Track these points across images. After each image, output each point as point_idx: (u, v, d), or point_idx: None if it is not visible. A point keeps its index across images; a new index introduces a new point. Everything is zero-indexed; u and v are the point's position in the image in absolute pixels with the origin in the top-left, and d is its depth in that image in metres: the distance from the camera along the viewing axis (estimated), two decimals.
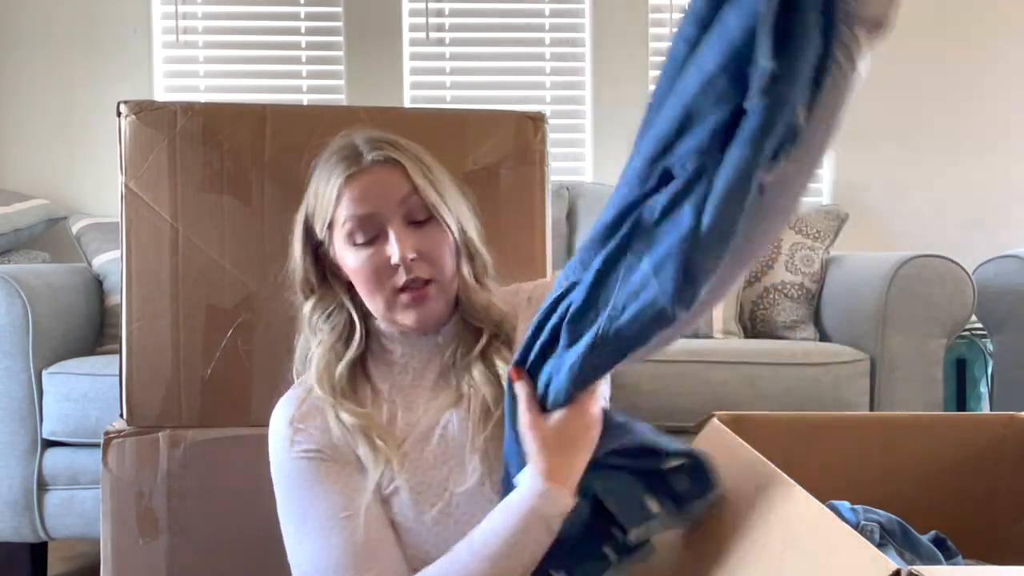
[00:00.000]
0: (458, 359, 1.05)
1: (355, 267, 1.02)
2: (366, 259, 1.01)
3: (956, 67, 2.87)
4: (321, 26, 2.82)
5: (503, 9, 2.86)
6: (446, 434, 1.01)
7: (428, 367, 1.06)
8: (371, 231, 1.01)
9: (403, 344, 1.07)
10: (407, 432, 1.02)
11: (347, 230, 1.02)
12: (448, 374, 1.05)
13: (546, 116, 1.39)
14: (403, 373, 1.06)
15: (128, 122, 1.29)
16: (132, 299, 1.29)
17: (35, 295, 1.87)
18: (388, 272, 1.01)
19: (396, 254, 0.99)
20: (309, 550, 0.96)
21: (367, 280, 1.02)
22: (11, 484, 1.84)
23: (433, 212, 1.02)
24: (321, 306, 1.07)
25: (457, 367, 1.05)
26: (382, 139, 1.05)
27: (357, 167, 1.02)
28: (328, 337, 1.06)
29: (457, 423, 1.01)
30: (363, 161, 1.02)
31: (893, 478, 1.09)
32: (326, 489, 0.97)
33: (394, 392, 1.05)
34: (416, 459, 1.00)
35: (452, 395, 1.03)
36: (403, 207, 1.01)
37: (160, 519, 1.27)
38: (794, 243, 2.21)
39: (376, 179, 1.02)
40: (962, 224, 2.85)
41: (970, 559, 1.01)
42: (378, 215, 1.01)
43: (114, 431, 1.28)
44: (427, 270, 1.01)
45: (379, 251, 1.01)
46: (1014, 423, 1.12)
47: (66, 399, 1.84)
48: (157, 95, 2.76)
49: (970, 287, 1.94)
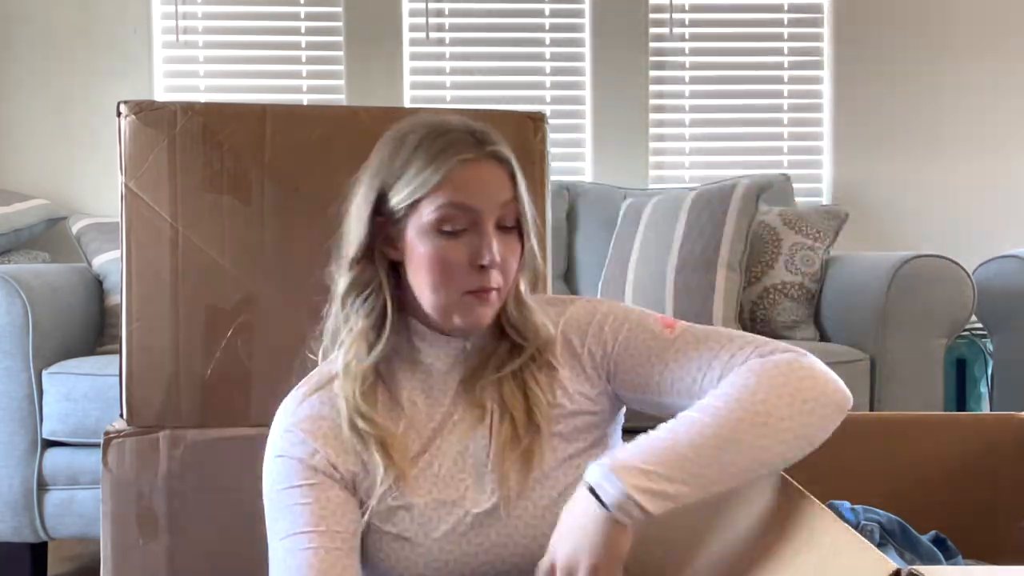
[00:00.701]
0: (488, 371, 1.00)
1: (430, 254, 0.95)
2: (448, 250, 0.94)
3: (956, 67, 2.87)
4: (321, 26, 2.82)
5: (503, 9, 2.86)
6: (465, 451, 0.98)
7: (452, 372, 1.01)
8: (463, 223, 0.94)
9: (433, 344, 1.01)
10: (424, 445, 0.98)
11: (439, 215, 0.94)
12: (472, 384, 1.00)
13: (546, 116, 1.39)
14: (426, 375, 1.01)
15: (128, 122, 1.29)
16: (132, 299, 1.28)
17: (35, 295, 1.87)
18: (466, 270, 0.94)
19: (489, 257, 0.93)
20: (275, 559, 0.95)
21: (440, 272, 0.95)
22: (11, 484, 1.84)
23: (521, 223, 0.98)
24: (359, 284, 1.00)
25: (485, 379, 1.00)
26: (488, 129, 0.99)
27: (473, 154, 0.95)
28: (362, 323, 0.99)
29: (478, 440, 0.98)
30: (479, 149, 0.96)
31: (893, 478, 1.09)
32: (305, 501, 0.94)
33: (415, 394, 1.01)
34: (432, 475, 0.97)
35: (475, 409, 0.99)
36: (502, 210, 0.96)
37: (160, 519, 1.27)
38: (794, 243, 2.21)
39: (489, 173, 0.96)
40: (962, 224, 2.85)
41: (970, 559, 1.01)
42: (479, 210, 0.94)
43: (114, 431, 1.28)
44: (499, 279, 0.96)
45: (461, 247, 0.94)
46: (1014, 423, 1.12)
47: (66, 399, 1.84)
48: (157, 95, 2.76)
49: (970, 287, 1.94)
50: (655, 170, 2.86)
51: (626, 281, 2.25)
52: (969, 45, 2.87)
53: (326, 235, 1.26)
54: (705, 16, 2.88)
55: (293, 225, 1.30)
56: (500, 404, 0.99)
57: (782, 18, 2.90)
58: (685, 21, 2.87)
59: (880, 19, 2.87)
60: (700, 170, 2.85)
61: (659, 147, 2.87)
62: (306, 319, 1.27)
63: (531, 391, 0.99)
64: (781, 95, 2.90)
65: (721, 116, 2.88)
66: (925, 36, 2.86)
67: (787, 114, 2.91)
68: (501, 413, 0.98)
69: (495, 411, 0.99)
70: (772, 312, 2.17)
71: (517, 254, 0.99)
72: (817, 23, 2.90)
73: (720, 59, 2.90)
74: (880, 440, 1.10)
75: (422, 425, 0.99)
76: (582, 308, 1.04)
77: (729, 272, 2.11)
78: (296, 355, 1.25)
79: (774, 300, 2.17)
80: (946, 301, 1.92)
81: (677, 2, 2.85)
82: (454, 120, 0.99)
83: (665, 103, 2.88)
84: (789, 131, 2.91)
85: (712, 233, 2.14)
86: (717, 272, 2.11)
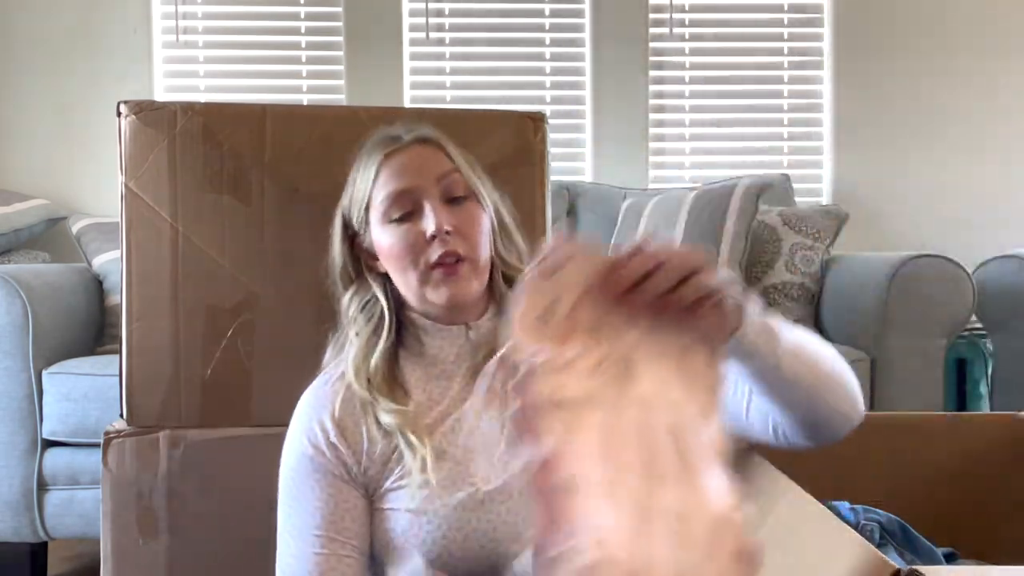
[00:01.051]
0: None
1: (389, 244, 1.01)
2: (401, 235, 1.00)
3: (956, 67, 2.87)
4: (321, 26, 2.82)
5: (503, 9, 2.86)
6: (475, 431, 0.99)
7: (459, 361, 1.04)
8: (407, 206, 1.01)
9: (436, 336, 1.04)
10: (433, 426, 1.00)
11: (383, 208, 1.01)
12: (481, 368, 1.02)
13: (546, 116, 1.38)
14: (433, 365, 1.04)
15: (128, 122, 1.29)
16: (132, 299, 1.28)
17: (35, 295, 1.87)
18: (422, 247, 0.99)
19: (432, 226, 0.98)
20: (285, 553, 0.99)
21: (401, 256, 1.01)
22: (11, 484, 1.84)
23: (473, 189, 1.03)
24: (357, 298, 1.06)
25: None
26: (418, 126, 1.06)
27: (395, 146, 1.03)
28: (364, 329, 1.05)
29: (489, 422, 0.99)
30: (401, 140, 1.04)
31: (893, 478, 1.09)
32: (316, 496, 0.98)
33: (425, 383, 1.03)
34: (443, 453, 0.98)
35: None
36: (441, 183, 1.01)
37: (160, 519, 1.27)
38: (794, 243, 2.21)
39: (415, 155, 1.03)
40: (962, 224, 2.85)
41: (970, 559, 1.01)
42: (415, 190, 1.00)
43: (114, 431, 1.28)
44: (462, 245, 0.99)
45: (414, 226, 1.00)
46: (1014, 423, 1.12)
47: (66, 399, 1.84)
48: (157, 95, 2.76)
49: (970, 287, 1.94)
50: (655, 170, 2.86)
51: None
52: (969, 45, 2.87)
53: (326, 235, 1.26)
54: (705, 16, 2.88)
55: (293, 225, 1.30)
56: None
57: (782, 18, 2.90)
58: (685, 21, 2.87)
59: (880, 19, 2.87)
60: (700, 170, 2.85)
61: (659, 147, 2.87)
62: (306, 319, 1.27)
63: None
64: (781, 95, 2.90)
65: (721, 116, 2.88)
66: (925, 36, 2.86)
67: (787, 114, 2.91)
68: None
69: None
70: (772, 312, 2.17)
71: (479, 220, 1.02)
72: (817, 23, 2.90)
73: (720, 59, 2.90)
74: (880, 440, 1.10)
75: (433, 409, 1.02)
76: None
77: (729, 272, 2.11)
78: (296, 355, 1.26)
79: (774, 300, 2.17)
80: (946, 301, 1.92)
81: (677, 2, 2.85)
82: (394, 126, 1.07)
83: (665, 103, 2.88)
84: (789, 131, 2.91)
85: (712, 233, 2.14)
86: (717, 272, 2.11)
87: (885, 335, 1.94)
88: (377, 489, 0.99)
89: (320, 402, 1.03)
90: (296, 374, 1.15)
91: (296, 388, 1.08)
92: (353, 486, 0.99)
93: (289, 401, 1.07)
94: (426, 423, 1.00)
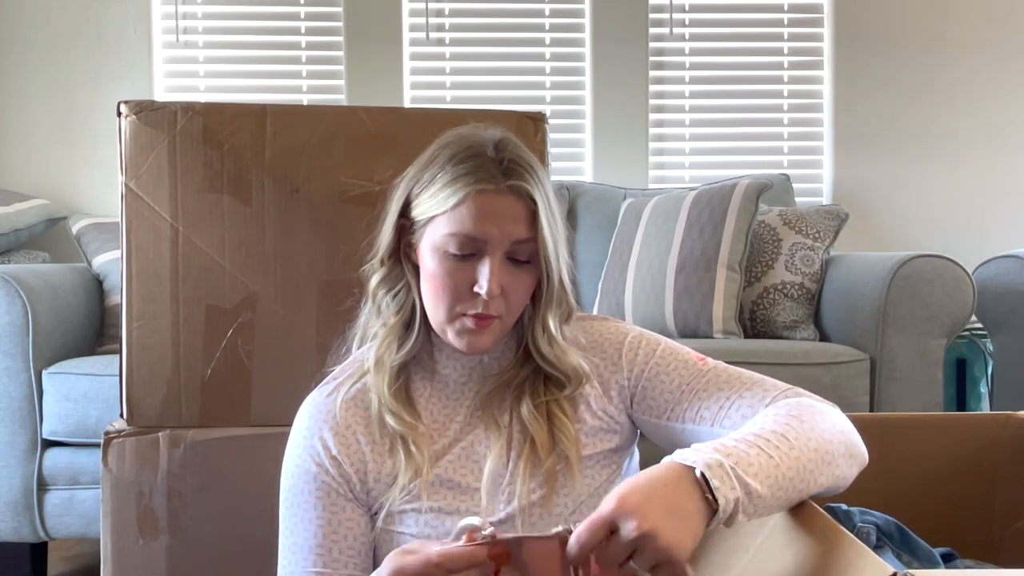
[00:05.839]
0: (508, 392, 1.01)
1: (435, 271, 0.97)
2: (450, 272, 0.96)
3: (956, 67, 2.87)
4: (321, 26, 2.82)
5: (503, 9, 2.86)
6: (482, 461, 0.98)
7: (468, 384, 1.03)
8: (469, 250, 0.95)
9: (449, 356, 1.03)
10: (440, 452, 0.99)
11: (449, 238, 0.95)
12: (489, 400, 1.01)
13: (546, 116, 1.39)
14: (443, 384, 1.03)
15: (128, 122, 1.29)
16: (132, 299, 1.29)
17: (35, 295, 1.87)
18: (464, 294, 0.95)
19: (485, 287, 0.94)
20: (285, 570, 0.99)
21: (440, 290, 0.97)
22: (11, 484, 1.84)
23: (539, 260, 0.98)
24: (388, 282, 1.02)
25: (501, 397, 1.01)
26: (519, 160, 0.97)
27: (492, 185, 0.95)
28: (394, 320, 1.02)
29: (495, 455, 0.98)
30: (499, 182, 0.95)
31: (892, 478, 1.09)
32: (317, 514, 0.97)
33: (432, 403, 1.02)
34: (447, 481, 0.98)
35: (493, 425, 1.00)
36: (513, 245, 0.96)
37: (160, 519, 1.27)
38: (794, 243, 2.21)
39: (504, 208, 0.95)
40: (962, 224, 2.85)
41: (969, 559, 1.01)
42: (487, 240, 0.95)
43: (114, 431, 1.28)
44: (503, 308, 0.97)
45: (466, 270, 0.95)
46: (1013, 423, 1.12)
47: (66, 399, 1.84)
48: (157, 95, 2.76)
49: (970, 287, 1.94)
50: (655, 170, 2.86)
51: (626, 281, 2.25)
52: (969, 45, 2.87)
53: (326, 235, 1.26)
54: (705, 16, 2.88)
55: (293, 225, 1.30)
56: (521, 425, 0.99)
57: (782, 18, 2.90)
58: (685, 21, 2.87)
59: (880, 19, 2.87)
60: (700, 170, 2.85)
61: (659, 147, 2.87)
62: (306, 319, 1.28)
63: (556, 417, 0.99)
64: (781, 95, 2.90)
65: (721, 116, 2.89)
66: (925, 36, 2.86)
67: (787, 114, 2.91)
68: (518, 432, 0.99)
69: (516, 430, 0.99)
70: (772, 312, 2.17)
71: (527, 286, 0.99)
72: (817, 23, 2.90)
73: (720, 59, 2.90)
74: (880, 440, 1.10)
75: (439, 433, 1.01)
76: (614, 329, 1.06)
77: (729, 272, 2.11)
78: (296, 355, 1.26)
79: (774, 300, 2.17)
80: (946, 301, 1.92)
81: (677, 2, 2.85)
82: (489, 139, 0.99)
83: (665, 103, 2.88)
84: (789, 131, 2.91)
85: (712, 233, 2.14)
86: (717, 272, 2.11)
87: (885, 335, 1.94)
88: (382, 509, 0.98)
89: (321, 414, 1.01)
90: (296, 374, 1.15)
91: (296, 388, 1.08)
92: (355, 503, 0.98)
93: (289, 401, 1.07)
94: (435, 448, 0.99)
